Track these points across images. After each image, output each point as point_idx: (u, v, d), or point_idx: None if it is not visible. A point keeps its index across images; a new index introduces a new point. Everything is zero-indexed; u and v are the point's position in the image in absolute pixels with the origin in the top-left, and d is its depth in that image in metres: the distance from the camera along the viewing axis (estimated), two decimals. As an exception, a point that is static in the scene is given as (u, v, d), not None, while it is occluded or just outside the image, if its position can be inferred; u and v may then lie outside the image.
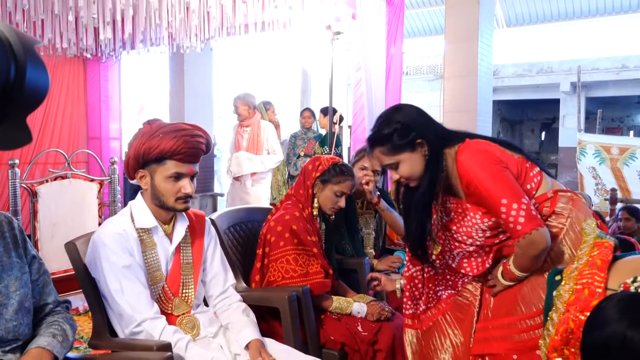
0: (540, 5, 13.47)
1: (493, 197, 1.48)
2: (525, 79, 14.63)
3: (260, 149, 4.54)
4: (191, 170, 1.63)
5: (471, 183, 1.53)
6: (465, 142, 1.59)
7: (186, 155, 1.59)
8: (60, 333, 1.31)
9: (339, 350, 1.98)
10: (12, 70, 0.62)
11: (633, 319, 0.90)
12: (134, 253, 1.59)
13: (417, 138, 1.57)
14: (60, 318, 1.36)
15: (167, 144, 1.56)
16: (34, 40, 0.67)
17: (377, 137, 1.61)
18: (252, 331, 1.68)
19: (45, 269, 1.38)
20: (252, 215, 2.36)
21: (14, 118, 0.64)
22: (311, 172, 2.14)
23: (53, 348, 1.25)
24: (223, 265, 1.83)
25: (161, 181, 1.60)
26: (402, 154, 1.58)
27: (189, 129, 1.62)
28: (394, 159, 1.60)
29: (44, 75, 0.66)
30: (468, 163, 1.54)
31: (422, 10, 13.68)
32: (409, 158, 1.58)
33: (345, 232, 2.49)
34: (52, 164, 4.60)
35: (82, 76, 5.62)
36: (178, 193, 1.61)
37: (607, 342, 0.92)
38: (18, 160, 3.26)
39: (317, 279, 2.01)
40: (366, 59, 3.69)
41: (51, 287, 1.39)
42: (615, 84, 14.39)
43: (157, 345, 1.45)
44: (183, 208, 1.66)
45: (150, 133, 1.59)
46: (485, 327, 1.65)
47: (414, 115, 1.61)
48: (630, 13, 13.36)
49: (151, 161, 1.59)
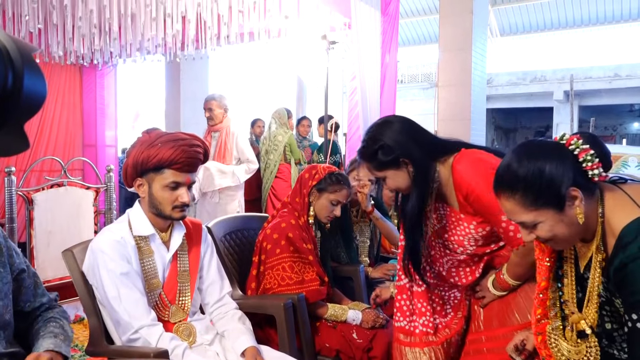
0: (533, 15, 13.60)
1: (495, 206, 1.44)
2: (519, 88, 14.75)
3: (229, 158, 4.07)
4: (188, 180, 1.65)
5: (471, 193, 1.51)
6: (461, 152, 1.58)
7: (184, 164, 1.61)
8: (60, 331, 1.31)
9: (334, 357, 1.99)
10: (9, 78, 0.62)
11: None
12: (132, 260, 1.60)
13: (400, 157, 1.56)
14: (55, 313, 1.37)
15: (166, 154, 1.58)
16: (31, 47, 0.67)
17: (363, 152, 1.63)
18: (248, 339, 1.69)
19: (33, 271, 1.38)
20: (248, 223, 2.38)
21: (11, 125, 0.64)
22: (307, 180, 2.16)
23: (60, 349, 1.26)
24: (219, 273, 1.84)
25: (159, 190, 1.62)
26: (387, 171, 1.59)
27: (188, 138, 1.65)
28: (380, 174, 1.62)
29: (42, 83, 0.67)
30: (467, 173, 1.53)
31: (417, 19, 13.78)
32: (395, 175, 1.59)
33: (341, 240, 2.51)
34: (48, 171, 4.59)
35: (78, 84, 5.62)
36: (175, 202, 1.63)
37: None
38: (14, 168, 3.26)
39: (313, 287, 2.02)
40: (361, 67, 3.72)
41: (42, 288, 1.40)
42: (608, 92, 14.53)
43: (154, 353, 1.46)
44: (180, 217, 1.68)
45: (149, 142, 1.61)
46: (477, 339, 1.64)
47: (398, 134, 1.58)
48: (622, 22, 13.51)
49: (149, 170, 1.61)
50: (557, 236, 1.13)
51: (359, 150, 1.66)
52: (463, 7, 4.59)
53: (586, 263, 1.19)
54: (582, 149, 1.12)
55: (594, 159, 1.11)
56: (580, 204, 1.10)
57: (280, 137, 5.19)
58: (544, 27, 14.16)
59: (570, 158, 1.12)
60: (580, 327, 1.20)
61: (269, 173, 5.27)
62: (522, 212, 1.14)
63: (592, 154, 1.11)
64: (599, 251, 1.14)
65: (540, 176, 1.10)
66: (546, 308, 1.27)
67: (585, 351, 1.20)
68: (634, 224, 1.06)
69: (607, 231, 1.13)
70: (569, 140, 1.14)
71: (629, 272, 1.04)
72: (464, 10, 4.59)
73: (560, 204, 1.10)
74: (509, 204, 1.16)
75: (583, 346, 1.20)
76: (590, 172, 1.11)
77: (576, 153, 1.12)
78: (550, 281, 1.27)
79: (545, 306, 1.27)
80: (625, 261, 1.05)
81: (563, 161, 1.11)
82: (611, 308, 1.17)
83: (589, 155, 1.11)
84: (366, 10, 3.76)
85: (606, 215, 1.13)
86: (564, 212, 1.10)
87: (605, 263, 1.14)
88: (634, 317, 1.05)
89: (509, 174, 1.15)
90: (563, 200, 1.09)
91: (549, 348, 1.27)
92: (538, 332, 1.29)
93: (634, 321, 1.05)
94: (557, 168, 1.10)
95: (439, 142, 1.65)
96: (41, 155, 4.99)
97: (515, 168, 1.14)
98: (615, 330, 1.18)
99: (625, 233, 1.07)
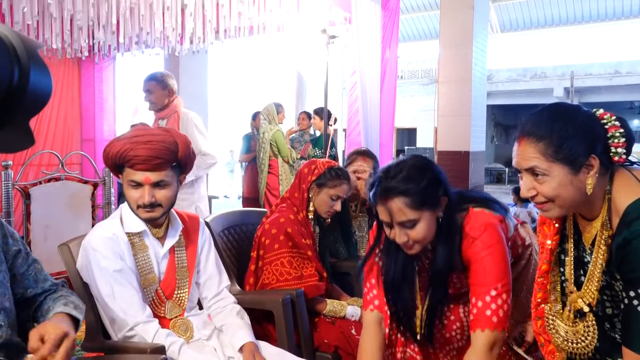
0: (534, 11, 13.58)
1: (491, 279, 1.35)
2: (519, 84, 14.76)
3: None
4: (147, 179, 1.54)
5: (473, 257, 1.39)
6: (470, 213, 1.44)
7: (136, 162, 1.52)
8: (70, 301, 1.30)
9: (333, 353, 1.98)
10: (15, 74, 0.62)
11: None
12: (125, 257, 1.57)
13: (441, 196, 1.39)
14: (62, 292, 1.35)
15: (115, 149, 1.54)
16: (37, 44, 0.67)
17: (406, 181, 1.36)
18: (246, 334, 1.68)
19: (33, 257, 1.36)
20: (246, 218, 2.36)
21: (17, 121, 0.65)
22: (307, 175, 2.15)
23: (70, 311, 1.25)
24: (217, 267, 1.83)
25: (125, 188, 1.59)
26: (424, 212, 1.36)
27: (144, 135, 1.54)
28: (415, 215, 1.36)
29: (47, 79, 0.67)
30: (476, 238, 1.39)
31: (417, 14, 13.76)
32: (429, 218, 1.38)
33: (340, 235, 2.50)
34: (46, 165, 4.58)
35: (76, 77, 5.59)
36: (138, 201, 1.57)
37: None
38: (11, 162, 3.24)
39: (311, 282, 2.01)
40: (361, 62, 3.70)
41: (45, 274, 1.37)
42: (608, 89, 14.54)
43: (151, 348, 1.45)
44: (146, 217, 1.59)
45: (118, 138, 1.58)
46: None
47: (439, 174, 1.40)
48: (622, 19, 13.50)
49: (116, 167, 1.58)
50: (559, 197, 1.13)
51: (391, 184, 1.37)
52: (464, 3, 4.58)
53: (591, 240, 1.20)
54: (614, 124, 1.13)
55: (620, 137, 1.12)
56: (594, 174, 1.11)
57: (267, 135, 5.16)
58: (544, 24, 14.15)
59: (601, 129, 1.13)
60: (578, 306, 1.21)
61: (260, 172, 5.27)
62: (539, 160, 1.13)
63: (621, 132, 1.12)
64: (605, 228, 1.14)
65: (570, 134, 1.11)
66: (547, 292, 1.28)
67: (582, 330, 1.20)
68: (639, 202, 1.08)
69: (612, 209, 1.14)
70: (602, 114, 1.15)
71: (632, 249, 1.06)
72: (465, 6, 4.57)
73: (577, 166, 1.11)
74: (529, 149, 1.15)
75: (581, 326, 1.21)
76: (613, 150, 1.13)
77: (607, 127, 1.13)
78: (552, 264, 1.28)
79: (546, 290, 1.28)
80: (629, 238, 1.06)
81: (594, 129, 1.12)
82: (611, 292, 1.17)
83: (618, 132, 1.13)
84: (367, 4, 3.73)
85: (613, 193, 1.14)
86: (577, 176, 1.11)
87: (610, 240, 1.14)
88: (631, 294, 1.06)
89: (541, 121, 1.15)
90: (581, 163, 1.10)
91: (547, 332, 1.28)
92: (537, 316, 1.29)
93: (631, 298, 1.06)
94: (587, 133, 1.11)
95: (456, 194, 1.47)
96: (39, 149, 4.96)
97: (550, 118, 1.14)
98: (615, 315, 1.19)
99: (630, 210, 1.08)
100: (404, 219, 1.35)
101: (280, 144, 5.10)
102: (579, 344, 1.20)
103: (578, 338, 1.21)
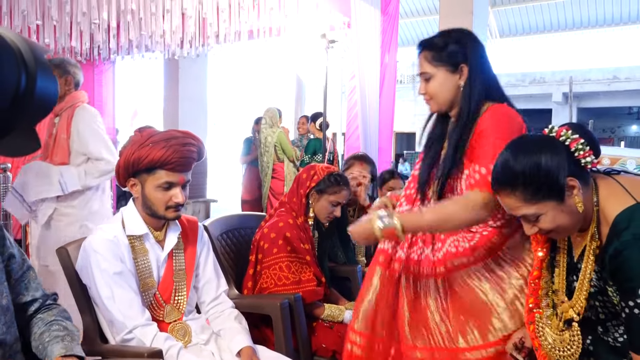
0: (532, 17, 13.63)
1: (489, 151, 1.40)
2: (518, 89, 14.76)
3: (63, 155, 2.62)
4: (182, 179, 1.61)
5: (481, 134, 1.46)
6: (497, 104, 1.55)
7: (176, 164, 1.57)
8: (65, 333, 1.29)
9: (330, 357, 1.98)
10: (22, 80, 0.62)
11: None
12: (125, 260, 1.58)
13: (460, 63, 1.63)
14: (55, 315, 1.34)
15: (157, 154, 1.55)
16: (44, 49, 0.67)
17: (431, 40, 1.65)
18: (244, 338, 1.68)
19: (28, 264, 1.36)
20: (245, 222, 2.36)
21: (23, 126, 0.65)
22: (305, 181, 2.14)
23: (73, 350, 1.24)
24: (216, 271, 1.83)
25: (152, 190, 1.59)
26: (441, 67, 1.62)
27: (180, 137, 1.60)
28: (431, 70, 1.62)
29: (54, 84, 0.67)
30: (490, 119, 1.48)
31: (417, 19, 13.80)
32: (445, 77, 1.61)
33: (338, 239, 2.50)
34: (45, 168, 4.55)
35: (76, 80, 5.59)
36: (169, 202, 1.60)
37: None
38: (10, 165, 3.24)
39: (310, 287, 2.01)
40: (360, 67, 3.71)
41: (37, 282, 1.37)
42: (607, 94, 14.56)
43: (149, 352, 1.45)
44: (174, 217, 1.65)
45: (140, 142, 1.58)
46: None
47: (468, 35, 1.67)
48: (621, 25, 13.56)
49: (141, 170, 1.58)
50: (560, 226, 1.16)
51: (428, 39, 1.66)
52: (463, 8, 4.58)
53: (580, 252, 1.21)
54: (573, 138, 1.15)
55: (584, 147, 1.14)
56: (578, 192, 1.13)
57: (270, 138, 5.20)
58: (543, 29, 14.20)
59: (563, 149, 1.15)
60: (568, 316, 1.23)
61: (264, 175, 5.28)
62: (524, 206, 1.16)
63: (582, 143, 1.14)
64: (593, 239, 1.16)
65: (538, 170, 1.12)
66: (538, 297, 1.30)
67: (568, 339, 1.22)
68: (627, 211, 1.10)
69: (601, 220, 1.16)
70: (559, 132, 1.17)
71: (625, 259, 1.07)
72: (464, 11, 4.58)
73: (560, 194, 1.12)
74: (510, 200, 1.18)
75: (567, 335, 1.23)
76: (583, 161, 1.15)
77: (567, 143, 1.15)
78: (544, 271, 1.30)
79: (538, 295, 1.30)
80: (619, 248, 1.08)
81: (557, 152, 1.14)
82: (604, 298, 1.19)
83: (580, 144, 1.15)
84: (366, 9, 3.75)
85: (600, 204, 1.16)
86: (564, 202, 1.13)
87: (599, 251, 1.16)
88: (630, 304, 1.07)
89: (507, 172, 1.17)
90: (562, 190, 1.12)
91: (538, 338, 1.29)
92: (530, 321, 1.31)
93: (632, 307, 1.07)
94: (553, 160, 1.12)
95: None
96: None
97: (512, 164, 1.16)
98: (608, 320, 1.21)
99: (619, 220, 1.10)
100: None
101: (284, 144, 5.19)
102: (565, 352, 1.23)
103: (564, 346, 1.23)
